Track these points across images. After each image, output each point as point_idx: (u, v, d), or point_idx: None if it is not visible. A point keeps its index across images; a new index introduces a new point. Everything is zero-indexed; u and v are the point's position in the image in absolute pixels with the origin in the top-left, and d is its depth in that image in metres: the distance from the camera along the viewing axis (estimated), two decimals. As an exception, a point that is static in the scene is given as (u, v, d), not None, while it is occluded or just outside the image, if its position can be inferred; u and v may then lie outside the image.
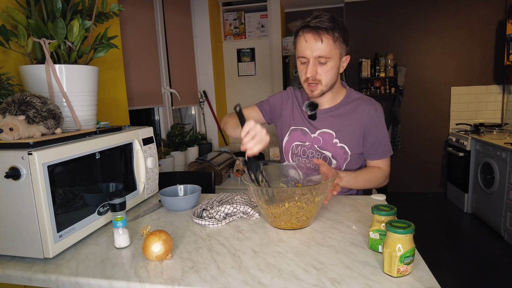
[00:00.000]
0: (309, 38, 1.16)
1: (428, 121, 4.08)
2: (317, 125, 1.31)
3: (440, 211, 3.74)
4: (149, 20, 2.53)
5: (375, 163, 1.32)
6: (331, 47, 1.16)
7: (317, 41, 1.15)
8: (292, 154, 1.36)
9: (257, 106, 1.43)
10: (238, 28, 3.75)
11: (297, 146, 1.34)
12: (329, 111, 1.31)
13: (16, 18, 1.08)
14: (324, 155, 1.30)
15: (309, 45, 1.16)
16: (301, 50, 1.19)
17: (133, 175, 1.20)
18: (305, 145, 1.33)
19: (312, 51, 1.16)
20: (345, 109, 1.30)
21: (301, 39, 1.18)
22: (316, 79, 1.20)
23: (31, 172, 0.78)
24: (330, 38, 1.15)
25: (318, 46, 1.15)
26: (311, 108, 1.29)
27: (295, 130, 1.35)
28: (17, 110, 0.88)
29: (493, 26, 3.76)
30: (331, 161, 1.30)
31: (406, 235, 0.68)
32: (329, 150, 1.29)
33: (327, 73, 1.20)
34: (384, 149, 1.30)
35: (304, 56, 1.19)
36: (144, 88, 2.42)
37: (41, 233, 0.81)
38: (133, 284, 0.73)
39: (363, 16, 4.03)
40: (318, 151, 1.30)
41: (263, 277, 0.72)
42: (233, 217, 1.05)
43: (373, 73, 3.98)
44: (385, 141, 1.30)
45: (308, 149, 1.32)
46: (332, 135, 1.28)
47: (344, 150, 1.28)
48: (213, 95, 3.45)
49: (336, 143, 1.28)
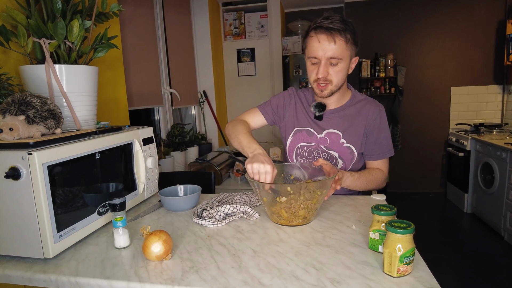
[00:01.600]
0: (322, 39, 1.16)
1: (428, 121, 4.08)
2: (324, 126, 1.31)
3: (440, 211, 3.74)
4: (149, 20, 2.53)
5: (375, 163, 1.33)
6: (343, 48, 1.17)
7: (330, 42, 1.15)
8: (296, 155, 1.36)
9: (259, 109, 1.42)
10: (238, 28, 3.75)
11: (303, 147, 1.34)
12: (336, 112, 1.32)
13: (16, 18, 1.08)
14: (330, 155, 1.30)
15: (322, 46, 1.16)
16: (313, 50, 1.19)
17: (133, 175, 1.20)
18: (311, 145, 1.32)
19: (324, 52, 1.16)
20: (351, 110, 1.31)
21: (314, 39, 1.18)
22: (327, 80, 1.21)
23: (31, 172, 0.78)
24: (342, 39, 1.15)
25: (331, 47, 1.15)
26: (319, 109, 1.29)
27: (300, 131, 1.35)
28: (17, 110, 0.88)
29: (493, 26, 3.76)
30: (337, 161, 1.30)
31: (406, 235, 0.68)
32: (336, 150, 1.29)
33: (338, 74, 1.20)
34: (384, 150, 1.31)
35: (316, 56, 1.19)
36: (144, 88, 2.42)
37: (41, 233, 0.81)
38: (133, 284, 0.73)
39: (363, 16, 4.03)
40: (325, 152, 1.30)
41: (263, 277, 0.72)
42: (233, 217, 1.05)
43: (373, 73, 3.98)
44: (385, 142, 1.31)
45: (314, 149, 1.32)
46: (339, 135, 1.29)
47: (350, 150, 1.29)
48: (213, 95, 3.45)
49: (343, 143, 1.29)
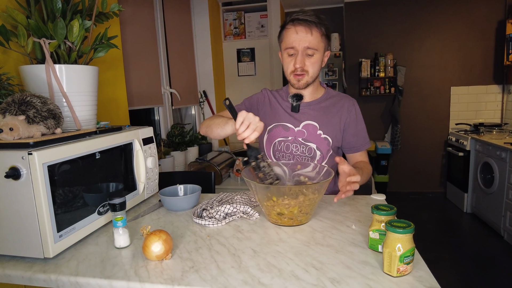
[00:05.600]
0: (300, 30, 1.22)
1: (428, 121, 4.08)
2: (301, 118, 1.36)
3: (440, 211, 3.74)
4: (149, 20, 2.53)
5: (358, 156, 1.39)
6: (319, 40, 1.24)
7: (307, 33, 1.21)
8: (274, 151, 1.38)
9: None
10: (238, 28, 3.75)
11: (280, 142, 1.37)
12: (312, 105, 1.37)
13: (16, 18, 1.08)
14: (309, 147, 1.33)
15: (299, 37, 1.22)
16: (291, 41, 1.24)
17: (133, 175, 1.20)
18: (288, 140, 1.36)
19: (302, 43, 1.23)
20: (326, 104, 1.37)
21: (291, 31, 1.24)
22: (304, 70, 1.27)
23: (31, 172, 0.78)
24: (318, 31, 1.23)
25: (308, 38, 1.22)
26: (296, 99, 1.34)
27: (276, 126, 1.38)
28: (17, 110, 0.88)
29: (493, 26, 3.76)
30: (315, 152, 1.33)
31: (406, 234, 0.68)
32: (313, 141, 1.33)
33: (313, 65, 1.26)
34: (363, 141, 1.38)
35: (293, 47, 1.24)
36: (144, 88, 2.42)
37: (41, 233, 0.81)
38: (133, 284, 0.73)
39: (363, 16, 4.03)
40: (303, 144, 1.34)
41: (263, 277, 0.72)
42: (233, 217, 1.05)
43: (373, 73, 3.99)
44: (363, 133, 1.38)
45: (292, 143, 1.35)
46: (316, 126, 1.34)
47: (327, 141, 1.33)
48: (213, 95, 3.45)
49: (320, 134, 1.33)
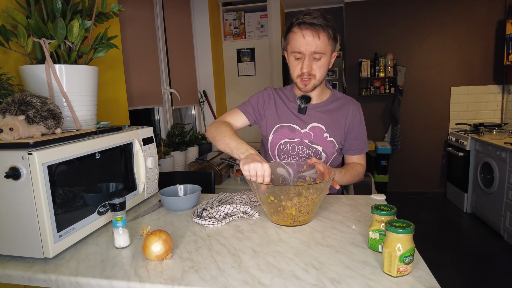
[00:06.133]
0: (307, 34, 1.19)
1: (428, 121, 4.08)
2: (308, 120, 1.35)
3: (440, 211, 3.74)
4: (149, 20, 2.53)
5: (355, 158, 1.40)
6: (326, 44, 1.21)
7: (315, 38, 1.19)
8: (279, 152, 1.37)
9: (240, 109, 1.41)
10: (238, 28, 3.75)
11: (286, 143, 1.36)
12: (318, 107, 1.36)
13: (16, 18, 1.08)
14: (315, 149, 1.33)
15: (306, 41, 1.20)
16: (297, 46, 1.22)
17: (133, 175, 1.20)
18: (294, 141, 1.34)
19: (309, 47, 1.20)
20: (332, 106, 1.37)
21: (298, 35, 1.21)
22: (311, 74, 1.25)
23: (31, 172, 0.78)
24: (325, 35, 1.20)
25: (315, 42, 1.19)
26: (305, 101, 1.33)
27: (282, 127, 1.36)
28: (17, 110, 0.88)
29: (493, 26, 3.76)
30: (321, 155, 1.33)
31: (406, 234, 0.68)
32: (320, 144, 1.33)
33: (320, 69, 1.25)
34: (363, 145, 1.40)
35: (300, 51, 1.22)
36: (144, 88, 2.42)
37: (41, 233, 0.81)
38: (133, 284, 0.73)
39: (363, 16, 4.03)
40: (309, 146, 1.33)
41: (263, 277, 0.72)
42: (233, 217, 1.05)
43: (373, 73, 3.99)
44: (364, 138, 1.40)
45: (298, 145, 1.34)
46: (323, 129, 1.33)
47: (333, 144, 1.33)
48: (213, 95, 3.45)
49: (326, 137, 1.33)
